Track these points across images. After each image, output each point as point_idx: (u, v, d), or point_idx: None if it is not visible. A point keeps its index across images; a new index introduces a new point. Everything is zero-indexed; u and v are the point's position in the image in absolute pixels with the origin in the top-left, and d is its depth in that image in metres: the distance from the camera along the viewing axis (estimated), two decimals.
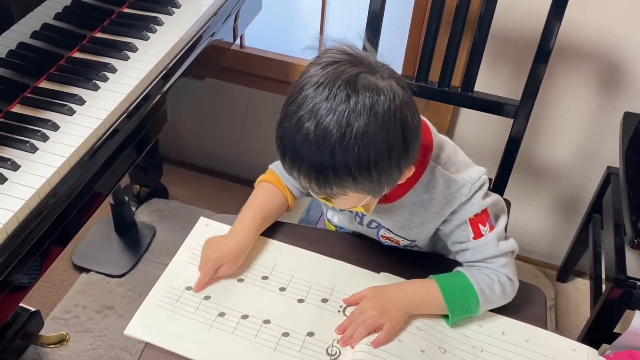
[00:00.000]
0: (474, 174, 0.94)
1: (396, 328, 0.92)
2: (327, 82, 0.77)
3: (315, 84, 0.78)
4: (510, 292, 0.97)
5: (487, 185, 0.95)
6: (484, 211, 0.95)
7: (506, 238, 0.98)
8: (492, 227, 0.96)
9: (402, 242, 1.04)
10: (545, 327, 0.95)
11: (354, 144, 0.76)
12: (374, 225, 1.03)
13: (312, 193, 0.88)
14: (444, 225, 0.97)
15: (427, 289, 0.96)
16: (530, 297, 1.00)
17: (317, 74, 0.79)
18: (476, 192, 0.93)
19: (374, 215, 1.00)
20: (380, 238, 1.06)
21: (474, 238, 0.95)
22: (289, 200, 1.08)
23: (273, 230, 1.07)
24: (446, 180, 0.93)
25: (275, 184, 1.08)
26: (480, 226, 0.95)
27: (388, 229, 1.02)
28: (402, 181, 0.87)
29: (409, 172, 0.86)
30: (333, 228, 1.13)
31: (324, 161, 0.77)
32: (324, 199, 0.87)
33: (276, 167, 1.10)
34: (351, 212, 1.04)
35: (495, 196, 0.97)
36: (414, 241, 1.03)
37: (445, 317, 0.96)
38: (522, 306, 0.98)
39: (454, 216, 0.95)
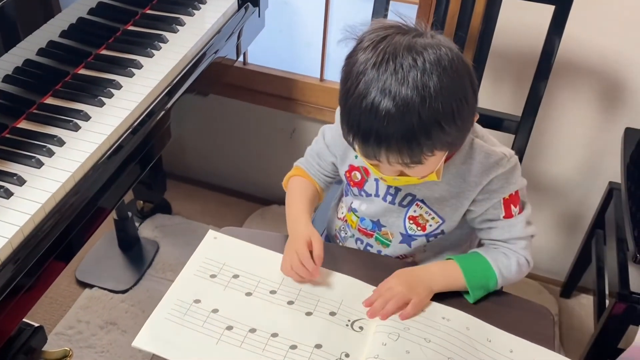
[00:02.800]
0: (510, 151, 0.98)
1: (422, 303, 0.97)
2: (387, 56, 0.80)
3: (375, 64, 0.81)
4: (525, 271, 1.02)
5: (519, 165, 0.99)
6: (517, 193, 0.99)
7: (530, 223, 1.02)
8: (521, 210, 1.00)
9: (430, 224, 1.04)
10: (552, 347, 0.95)
11: (436, 100, 0.79)
12: (406, 201, 1.04)
13: (385, 171, 0.91)
14: (479, 205, 0.99)
15: (450, 270, 1.00)
16: (538, 318, 1.00)
17: (371, 56, 0.81)
18: (514, 168, 0.97)
19: (411, 187, 1.01)
20: (407, 221, 1.05)
21: (504, 217, 0.99)
22: (319, 191, 1.14)
23: (281, 244, 1.07)
24: (485, 151, 0.97)
25: (305, 177, 1.13)
26: (512, 207, 0.99)
27: (422, 201, 1.02)
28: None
29: (476, 118, 0.90)
30: (354, 221, 1.13)
31: (413, 128, 0.80)
32: (400, 174, 0.90)
33: (301, 163, 1.16)
34: (389, 193, 1.04)
35: (525, 181, 1.02)
36: (442, 222, 1.03)
37: (464, 295, 1.01)
38: (529, 326, 0.97)
39: (490, 195, 0.98)
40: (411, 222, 1.05)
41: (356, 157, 1.05)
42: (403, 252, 1.09)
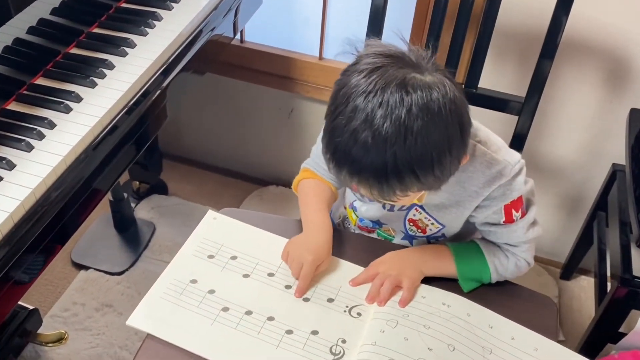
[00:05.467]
0: (515, 156, 0.94)
1: (415, 285, 0.96)
2: (377, 89, 0.76)
3: (364, 93, 0.77)
4: (524, 271, 1.01)
5: (525, 170, 0.95)
6: (519, 198, 0.96)
7: (534, 224, 0.99)
8: (523, 214, 0.97)
9: (430, 228, 1.03)
10: (555, 337, 0.94)
11: (415, 146, 0.75)
12: (405, 207, 1.01)
13: (365, 198, 0.89)
14: (480, 211, 0.97)
15: (443, 258, 1.00)
16: (542, 308, 1.00)
17: (362, 83, 0.77)
18: (517, 175, 0.93)
19: None
20: (407, 223, 1.04)
21: (504, 222, 0.97)
22: (334, 191, 1.11)
23: (280, 226, 1.06)
24: (488, 160, 0.92)
25: (317, 178, 1.10)
26: (513, 212, 0.96)
27: (421, 208, 1.00)
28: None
29: (465, 161, 0.86)
30: (353, 219, 1.11)
31: (386, 168, 0.76)
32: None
33: (309, 164, 1.12)
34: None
35: (531, 182, 0.98)
36: (443, 227, 1.01)
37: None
38: (532, 316, 0.97)
39: (491, 202, 0.95)
40: (411, 224, 1.04)
41: None
42: (406, 246, 1.08)
